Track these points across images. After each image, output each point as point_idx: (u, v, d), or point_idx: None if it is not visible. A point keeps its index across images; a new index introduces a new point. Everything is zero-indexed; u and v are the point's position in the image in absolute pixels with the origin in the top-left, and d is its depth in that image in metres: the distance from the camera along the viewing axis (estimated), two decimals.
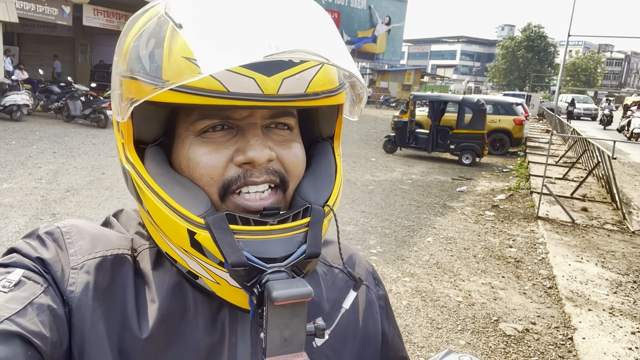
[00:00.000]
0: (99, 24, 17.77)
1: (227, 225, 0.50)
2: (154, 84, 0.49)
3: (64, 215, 5.42)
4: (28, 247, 0.56)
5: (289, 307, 0.48)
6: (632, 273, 5.03)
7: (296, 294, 0.47)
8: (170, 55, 0.49)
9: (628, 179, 10.97)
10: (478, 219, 6.84)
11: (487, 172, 10.99)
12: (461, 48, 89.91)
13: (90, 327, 0.53)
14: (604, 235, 6.30)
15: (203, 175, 0.54)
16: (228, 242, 0.50)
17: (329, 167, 0.61)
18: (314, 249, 0.52)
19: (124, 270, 0.57)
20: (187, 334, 0.56)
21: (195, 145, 0.55)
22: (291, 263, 0.51)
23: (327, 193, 0.58)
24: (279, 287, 0.47)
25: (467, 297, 4.22)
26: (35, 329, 0.48)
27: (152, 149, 0.58)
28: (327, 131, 0.65)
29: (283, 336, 0.48)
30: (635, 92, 44.34)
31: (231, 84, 0.48)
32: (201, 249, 0.51)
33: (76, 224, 0.60)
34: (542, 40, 64.96)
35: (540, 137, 18.66)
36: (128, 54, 0.54)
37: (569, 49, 6.81)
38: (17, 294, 0.50)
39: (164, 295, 0.56)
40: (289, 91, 0.50)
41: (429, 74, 51.26)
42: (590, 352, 3.41)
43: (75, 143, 9.96)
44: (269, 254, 0.50)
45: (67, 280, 0.54)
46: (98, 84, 14.28)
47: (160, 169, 0.56)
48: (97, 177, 7.33)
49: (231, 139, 0.55)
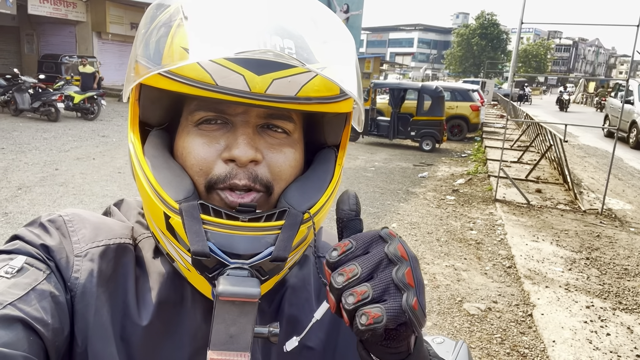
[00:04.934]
0: (46, 12, 16.95)
1: (198, 214, 0.51)
2: (150, 67, 0.51)
3: (16, 214, 5.18)
4: (31, 234, 0.56)
5: (238, 305, 0.47)
6: (584, 250, 5.30)
7: (241, 293, 0.47)
8: (171, 45, 0.51)
9: (578, 160, 11.50)
10: (440, 204, 7.01)
11: (446, 158, 11.26)
12: (418, 36, 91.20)
13: (94, 313, 0.54)
14: (557, 215, 6.60)
15: (193, 165, 0.55)
16: (195, 230, 0.50)
17: (324, 174, 0.60)
18: (281, 253, 0.51)
19: (125, 259, 0.58)
20: (185, 322, 0.57)
21: (192, 135, 0.56)
22: (255, 262, 0.50)
23: (313, 200, 0.57)
24: (226, 283, 0.47)
25: (432, 279, 4.34)
26: (37, 315, 0.48)
27: (156, 132, 0.59)
28: (333, 139, 0.64)
29: (229, 332, 0.48)
30: (583, 77, 46.39)
31: (220, 78, 0.49)
32: (174, 233, 0.52)
33: (78, 213, 0.61)
34: (494, 28, 66.76)
35: (496, 123, 19.26)
36: (143, 40, 0.55)
37: (520, 36, 7.02)
38: (20, 280, 0.50)
39: (163, 284, 0.58)
40: (278, 92, 0.51)
41: (388, 61, 51.74)
42: (549, 327, 3.58)
43: (25, 138, 9.49)
44: (234, 249, 0.50)
45: (71, 267, 0.55)
46: (47, 76, 13.63)
47: (155, 152, 0.57)
48: (51, 173, 7.02)
49: (224, 134, 0.55)
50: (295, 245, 0.53)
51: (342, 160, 0.63)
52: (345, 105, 0.57)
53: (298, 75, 0.51)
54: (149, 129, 0.60)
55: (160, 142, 0.58)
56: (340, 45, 0.56)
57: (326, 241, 0.73)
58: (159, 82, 0.52)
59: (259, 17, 0.50)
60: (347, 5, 36.08)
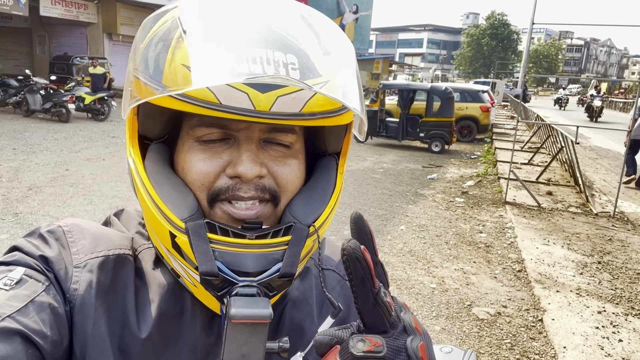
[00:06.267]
0: (57, 14, 17.11)
1: (205, 233, 0.51)
2: (153, 87, 0.50)
3: (27, 215, 5.22)
4: (30, 245, 0.56)
5: (249, 326, 0.47)
6: (596, 254, 5.23)
7: (254, 315, 0.47)
8: (171, 62, 0.49)
9: (590, 162, 11.37)
10: (449, 206, 6.96)
11: (456, 159, 11.19)
12: (428, 36, 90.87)
13: (92, 325, 0.53)
14: (568, 218, 6.52)
15: (195, 180, 0.55)
16: (203, 251, 0.50)
17: (326, 184, 0.60)
18: (289, 269, 0.51)
19: (125, 270, 0.58)
20: (185, 335, 0.57)
21: (193, 150, 0.56)
22: (263, 280, 0.50)
23: (317, 212, 0.57)
24: (238, 305, 0.47)
25: (440, 283, 4.30)
26: (36, 327, 0.48)
27: (156, 146, 0.59)
28: (334, 147, 0.63)
29: (241, 352, 0.48)
30: (594, 77, 45.86)
31: (224, 97, 0.49)
32: (180, 251, 0.52)
33: (78, 223, 0.60)
34: (505, 28, 66.35)
35: (506, 124, 19.11)
36: (140, 54, 0.54)
37: (531, 36, 6.95)
38: (19, 292, 0.50)
39: (163, 296, 0.57)
40: (283, 109, 0.51)
41: (397, 62, 51.61)
42: (560, 333, 3.53)
43: (36, 139, 9.59)
44: (242, 267, 0.50)
45: (70, 278, 0.54)
46: (58, 77, 13.77)
47: (157, 167, 0.56)
48: (61, 173, 7.08)
49: (227, 149, 0.55)
50: (301, 259, 0.53)
51: (343, 168, 0.63)
52: (347, 116, 0.57)
53: (301, 91, 0.51)
54: (147, 142, 0.59)
55: (161, 156, 0.57)
56: (341, 54, 0.55)
57: (328, 255, 0.73)
58: (162, 101, 0.51)
59: (259, 32, 0.49)
60: (357, 6, 36.04)
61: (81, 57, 17.05)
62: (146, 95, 0.50)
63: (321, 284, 0.53)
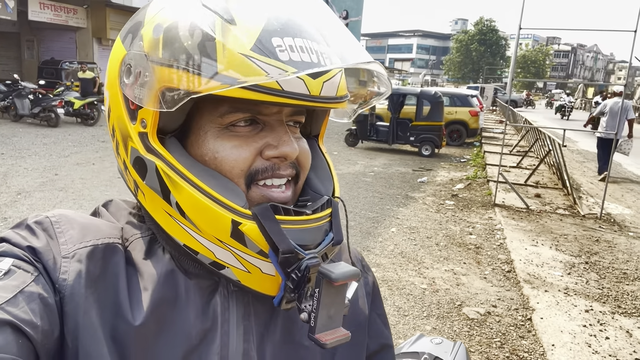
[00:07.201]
0: (46, 19, 16.98)
1: (273, 216, 0.54)
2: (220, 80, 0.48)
3: (16, 220, 5.17)
4: (17, 236, 0.56)
5: (339, 287, 0.52)
6: (583, 255, 5.31)
7: (352, 274, 0.52)
8: (224, 50, 0.49)
9: (577, 165, 11.52)
10: (439, 208, 7.02)
11: (445, 163, 11.28)
12: (417, 42, 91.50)
13: (83, 314, 0.53)
14: (556, 220, 6.60)
15: (234, 168, 0.56)
16: (277, 231, 0.53)
17: (322, 163, 0.67)
18: (339, 237, 0.58)
19: (115, 259, 0.57)
20: (179, 321, 0.57)
21: (222, 138, 0.56)
22: (322, 249, 0.56)
23: (330, 185, 0.64)
24: (335, 270, 0.51)
25: (431, 284, 4.34)
26: (26, 318, 0.48)
27: (171, 140, 0.57)
28: (315, 130, 0.70)
29: (329, 314, 0.52)
30: (582, 83, 46.39)
31: (285, 83, 0.51)
32: (243, 239, 0.54)
33: (65, 214, 0.60)
34: (493, 34, 67.03)
35: (495, 128, 19.30)
36: (162, 42, 0.52)
37: (519, 42, 7.08)
38: (8, 283, 0.50)
39: (156, 283, 0.57)
40: (327, 93, 0.55)
41: (387, 67, 51.87)
42: (548, 331, 3.58)
43: (25, 143, 9.51)
44: (305, 241, 0.54)
45: (59, 268, 0.54)
46: (47, 81, 13.67)
47: (188, 160, 0.56)
48: (50, 178, 7.03)
49: (258, 133, 0.57)
50: None
51: (324, 148, 0.70)
52: None
53: (335, 76, 0.56)
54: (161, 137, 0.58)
55: (180, 149, 0.57)
56: None
57: None
58: (234, 92, 0.49)
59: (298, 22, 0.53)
60: (347, 12, 36.23)
61: (70, 61, 16.93)
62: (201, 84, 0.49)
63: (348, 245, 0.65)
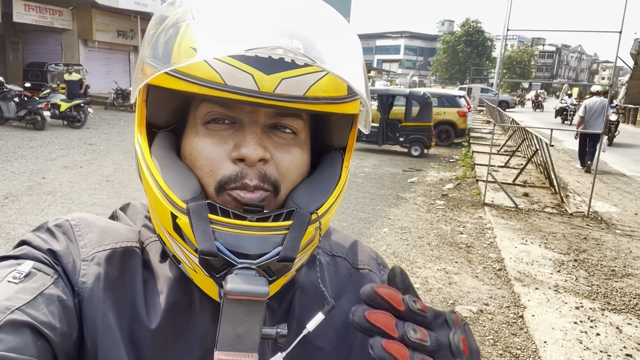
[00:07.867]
0: (31, 20, 16.79)
1: (205, 214, 0.50)
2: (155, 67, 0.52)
3: (3, 224, 5.10)
4: (38, 239, 0.56)
5: (245, 304, 0.47)
6: (572, 252, 5.38)
7: (250, 291, 0.46)
8: (180, 45, 0.51)
9: (564, 164, 11.67)
10: (430, 208, 7.06)
11: (435, 163, 11.35)
12: (405, 43, 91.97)
13: (102, 317, 0.53)
14: (545, 218, 6.68)
15: (203, 166, 0.55)
16: (202, 230, 0.49)
17: (331, 177, 0.60)
18: (289, 253, 0.50)
19: (132, 263, 0.58)
20: (194, 325, 0.57)
21: (200, 135, 0.56)
22: (263, 262, 0.49)
23: (320, 201, 0.56)
24: (234, 281, 0.47)
25: (424, 283, 4.37)
26: (45, 320, 0.48)
27: (163, 134, 0.59)
28: (339, 142, 0.63)
29: (236, 332, 0.47)
30: (567, 83, 47.04)
31: (229, 77, 0.50)
32: (181, 233, 0.51)
33: (85, 217, 0.61)
34: (479, 35, 67.63)
35: (482, 128, 19.47)
36: (152, 41, 0.56)
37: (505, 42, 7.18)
38: (28, 285, 0.50)
39: (171, 287, 0.58)
40: (287, 92, 0.51)
41: (375, 68, 52.09)
42: (540, 328, 3.63)
43: (11, 147, 9.38)
44: (242, 249, 0.49)
45: (78, 271, 0.55)
46: (33, 84, 13.49)
47: (163, 152, 0.57)
48: (38, 181, 6.94)
49: (232, 134, 0.55)
50: (303, 246, 0.53)
51: (349, 162, 0.63)
52: (352, 106, 0.58)
53: (306, 75, 0.51)
54: (155, 131, 0.60)
55: (167, 144, 0.58)
56: (347, 45, 0.55)
57: (337, 241, 0.72)
58: (167, 82, 0.52)
59: (266, 18, 0.50)
60: None
61: (56, 63, 16.74)
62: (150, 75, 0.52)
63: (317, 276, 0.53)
